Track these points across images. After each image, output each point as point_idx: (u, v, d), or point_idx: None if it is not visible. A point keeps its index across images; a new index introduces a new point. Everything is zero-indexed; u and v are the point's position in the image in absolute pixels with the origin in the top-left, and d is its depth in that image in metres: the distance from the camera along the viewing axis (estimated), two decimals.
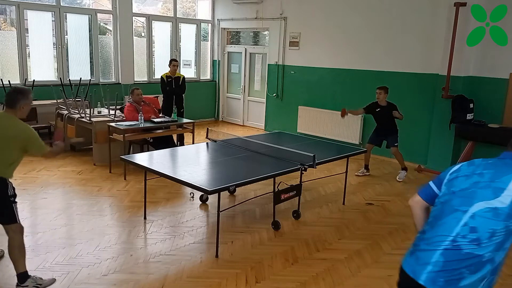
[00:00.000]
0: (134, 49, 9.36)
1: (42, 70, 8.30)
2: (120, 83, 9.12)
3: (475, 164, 1.94)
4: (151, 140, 6.60)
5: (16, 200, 3.35)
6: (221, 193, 3.88)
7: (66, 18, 8.36)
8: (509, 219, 1.71)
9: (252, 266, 3.79)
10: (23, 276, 3.31)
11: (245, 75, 10.39)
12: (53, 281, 3.42)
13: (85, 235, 4.26)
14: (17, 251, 3.29)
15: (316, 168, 4.53)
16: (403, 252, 4.43)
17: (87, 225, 4.48)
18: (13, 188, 3.36)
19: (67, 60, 8.50)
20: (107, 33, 9.34)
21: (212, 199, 5.22)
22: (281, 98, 9.52)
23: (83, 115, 6.84)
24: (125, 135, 6.07)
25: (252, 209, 5.14)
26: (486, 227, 1.75)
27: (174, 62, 7.71)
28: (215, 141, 5.52)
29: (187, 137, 7.70)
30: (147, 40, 9.68)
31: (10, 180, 3.36)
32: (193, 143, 6.74)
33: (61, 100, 7.41)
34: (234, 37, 10.81)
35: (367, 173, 6.71)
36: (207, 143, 5.49)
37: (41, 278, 3.38)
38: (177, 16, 10.13)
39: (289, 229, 4.64)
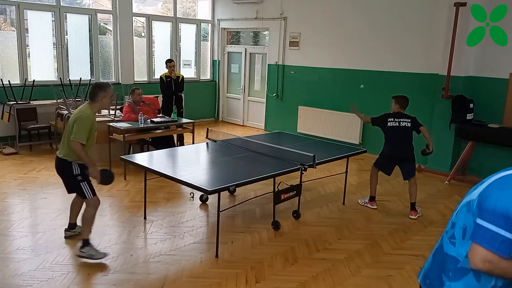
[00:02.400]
0: (134, 49, 9.36)
1: (42, 70, 8.30)
2: (120, 83, 9.12)
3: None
4: (150, 140, 6.60)
5: (86, 179, 3.80)
6: (221, 193, 3.88)
7: (66, 18, 8.36)
8: (477, 214, 1.57)
9: (252, 266, 3.79)
10: (84, 241, 3.79)
11: (245, 75, 10.39)
12: (104, 255, 3.79)
13: None
14: (85, 220, 3.84)
15: (316, 168, 4.53)
16: (403, 252, 4.45)
17: None
18: (79, 168, 3.78)
19: (67, 60, 8.50)
20: (107, 33, 9.34)
21: (212, 199, 5.22)
22: (281, 98, 9.52)
23: None
24: (125, 135, 6.06)
25: (252, 209, 5.14)
26: (461, 222, 1.66)
27: (169, 63, 7.69)
28: (215, 141, 5.52)
29: (187, 137, 7.70)
30: (147, 40, 9.67)
31: (75, 161, 3.76)
32: (193, 143, 6.73)
33: (61, 100, 7.41)
34: (234, 37, 10.81)
35: (375, 207, 5.33)
36: (207, 143, 5.49)
37: (96, 250, 3.80)
38: (177, 16, 10.13)
39: (289, 229, 4.64)
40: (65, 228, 4.20)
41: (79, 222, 4.10)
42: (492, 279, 1.60)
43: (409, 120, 5.03)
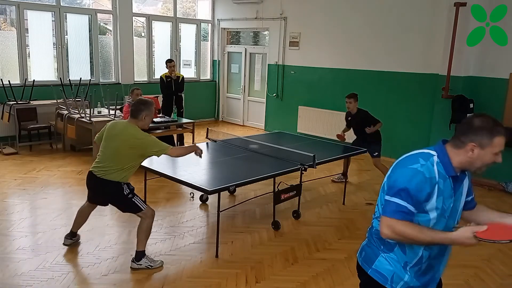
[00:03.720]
0: (134, 49, 9.36)
1: (42, 70, 8.30)
2: (120, 83, 9.11)
3: None
4: None
5: (134, 193, 3.69)
6: (221, 193, 3.88)
7: (66, 18, 8.36)
8: (387, 190, 1.87)
9: (252, 266, 3.79)
10: (139, 253, 3.69)
11: (245, 75, 10.39)
12: (161, 264, 3.73)
13: (85, 235, 4.26)
14: (141, 232, 3.69)
15: (316, 168, 4.53)
16: None
17: (87, 225, 4.46)
18: (128, 186, 3.67)
19: (67, 60, 8.50)
20: (107, 33, 9.34)
21: (212, 199, 5.22)
22: (281, 98, 9.52)
23: (83, 115, 6.84)
24: None
25: (252, 209, 5.14)
26: (379, 201, 1.96)
27: (169, 63, 7.69)
28: (215, 141, 5.52)
29: (187, 137, 7.70)
30: (147, 40, 9.67)
31: (125, 182, 3.65)
32: (193, 143, 6.73)
33: (61, 100, 7.41)
34: (234, 37, 10.81)
35: (343, 179, 5.93)
36: (207, 143, 5.49)
37: (153, 259, 3.72)
38: (177, 16, 10.13)
39: (289, 229, 4.64)
40: (66, 235, 4.05)
41: (138, 236, 3.79)
42: (417, 251, 1.90)
43: (359, 114, 6.00)
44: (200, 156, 3.98)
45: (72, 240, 4.05)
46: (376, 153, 5.85)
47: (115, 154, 3.57)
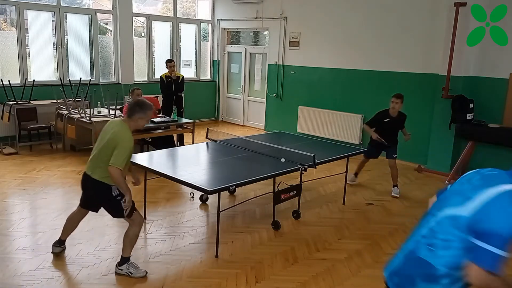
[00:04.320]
0: (134, 49, 9.35)
1: (42, 70, 8.30)
2: (120, 83, 9.11)
3: (479, 172, 1.86)
4: (150, 140, 6.60)
5: (122, 197, 3.51)
6: (221, 193, 3.88)
7: (66, 18, 8.35)
8: (467, 232, 1.63)
9: (252, 266, 3.79)
10: (122, 259, 3.60)
11: (245, 75, 10.39)
12: (144, 273, 3.60)
13: (85, 235, 4.26)
14: (128, 239, 3.59)
15: (316, 168, 4.53)
16: None
17: (87, 225, 4.47)
18: (117, 189, 3.50)
19: (67, 60, 8.49)
20: (107, 33, 9.34)
21: (212, 199, 5.22)
22: (281, 98, 9.52)
23: (83, 115, 6.84)
24: None
25: (252, 209, 5.14)
26: (443, 234, 1.72)
27: (169, 63, 7.69)
28: (215, 141, 5.52)
29: (187, 137, 7.70)
30: (147, 40, 9.67)
31: (113, 184, 3.48)
32: (193, 143, 6.74)
33: (61, 100, 7.41)
34: (234, 37, 10.81)
35: (355, 182, 6.23)
36: (207, 143, 5.49)
37: (136, 267, 3.61)
38: (177, 16, 10.13)
39: (289, 229, 4.64)
40: (54, 243, 3.88)
41: (124, 242, 3.66)
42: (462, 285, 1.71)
43: (400, 117, 5.85)
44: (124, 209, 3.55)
45: (61, 247, 3.89)
46: (395, 155, 5.82)
47: (101, 150, 3.49)
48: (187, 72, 10.20)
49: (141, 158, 4.72)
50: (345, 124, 8.20)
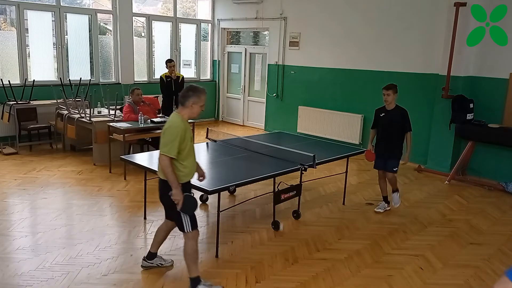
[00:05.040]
0: (134, 49, 9.36)
1: (42, 70, 8.30)
2: (120, 83, 9.11)
3: None
4: (150, 140, 6.60)
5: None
6: (221, 193, 3.88)
7: (66, 18, 8.35)
8: None
9: (252, 266, 3.79)
10: (193, 281, 3.29)
11: (245, 75, 10.39)
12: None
13: (85, 235, 4.26)
14: (188, 256, 3.30)
15: (316, 168, 4.53)
16: (403, 252, 4.45)
17: (87, 225, 4.48)
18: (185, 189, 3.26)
19: (67, 60, 8.49)
20: (107, 33, 9.34)
21: (212, 199, 5.22)
22: (281, 98, 9.52)
23: (83, 115, 6.84)
24: (125, 135, 6.07)
25: (252, 209, 5.14)
26: None
27: (169, 63, 7.69)
28: (215, 141, 5.52)
29: None
30: (147, 40, 9.67)
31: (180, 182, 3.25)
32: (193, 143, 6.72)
33: (61, 100, 7.41)
34: (234, 37, 10.81)
35: (388, 208, 5.29)
36: (207, 143, 5.48)
37: (211, 285, 3.35)
38: (177, 16, 10.13)
39: (289, 229, 4.64)
40: (144, 257, 3.70)
41: (185, 262, 3.39)
42: None
43: (398, 110, 5.05)
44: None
45: (149, 263, 3.68)
46: (396, 169, 5.04)
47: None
48: (187, 72, 10.20)
49: (141, 158, 4.72)
50: (345, 124, 8.20)
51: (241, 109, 10.62)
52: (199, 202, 3.42)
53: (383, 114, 5.06)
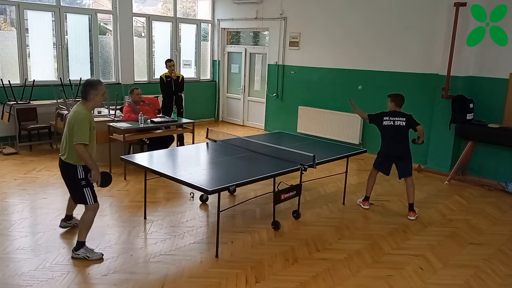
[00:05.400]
0: (134, 49, 9.36)
1: (42, 70, 8.30)
2: (120, 83, 9.12)
3: None
4: (147, 142, 6.58)
5: (88, 183, 3.76)
6: (221, 193, 3.88)
7: (66, 18, 8.36)
8: None
9: (252, 266, 3.79)
10: (78, 243, 3.80)
11: (245, 75, 10.39)
12: (100, 256, 3.80)
13: None
14: (83, 223, 3.83)
15: (316, 168, 4.53)
16: (403, 252, 4.45)
17: None
18: (83, 172, 3.75)
19: (67, 60, 8.49)
20: (107, 33, 9.34)
21: (212, 199, 5.22)
22: (281, 98, 9.52)
23: None
24: (125, 135, 6.06)
25: (252, 209, 5.14)
26: None
27: (169, 63, 7.69)
28: (215, 141, 5.52)
29: (187, 137, 7.70)
30: (147, 40, 9.68)
31: (79, 164, 3.73)
32: (193, 143, 6.73)
33: (61, 100, 7.41)
34: (234, 37, 10.81)
35: (367, 207, 5.33)
36: (207, 143, 5.49)
37: (92, 250, 3.81)
38: (177, 16, 10.13)
39: (289, 229, 4.64)
40: (62, 219, 4.34)
41: (79, 226, 3.96)
42: None
43: (404, 119, 5.00)
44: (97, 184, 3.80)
45: (67, 223, 4.33)
46: (411, 171, 5.07)
47: (66, 133, 3.73)
48: (187, 72, 10.20)
49: (141, 158, 4.72)
50: (345, 124, 8.20)
51: (241, 109, 10.63)
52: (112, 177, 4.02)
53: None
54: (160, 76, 7.76)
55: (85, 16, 8.68)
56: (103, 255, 3.82)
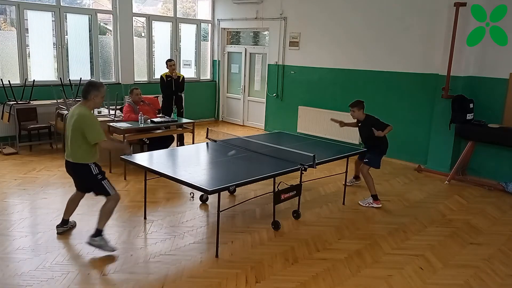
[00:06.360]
0: (134, 49, 9.36)
1: (42, 70, 8.30)
2: (120, 83, 9.12)
3: None
4: (147, 142, 6.58)
5: (104, 176, 3.95)
6: (221, 193, 3.88)
7: (66, 18, 8.36)
8: None
9: (252, 266, 3.79)
10: (97, 231, 3.93)
11: (245, 75, 10.39)
12: (113, 249, 3.93)
13: (85, 235, 4.25)
14: (104, 212, 3.95)
15: (316, 168, 4.53)
16: (403, 252, 4.46)
17: (87, 225, 4.48)
18: (98, 167, 3.93)
19: (67, 60, 8.49)
20: (107, 33, 9.34)
21: (212, 199, 5.22)
22: (281, 98, 9.52)
23: None
24: (125, 135, 6.06)
25: (252, 209, 5.14)
26: None
27: (169, 63, 7.70)
28: (215, 141, 5.52)
29: (187, 137, 7.70)
30: (147, 40, 9.68)
31: (91, 162, 3.88)
32: (193, 143, 6.74)
33: (61, 100, 7.41)
34: (234, 37, 10.81)
35: (357, 182, 6.22)
36: (207, 143, 5.49)
37: (107, 242, 3.94)
38: (177, 16, 10.13)
39: (289, 229, 4.64)
40: (57, 225, 4.30)
41: (99, 214, 4.07)
42: None
43: (367, 120, 5.57)
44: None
45: (64, 227, 4.30)
46: (367, 160, 5.45)
47: (71, 135, 3.83)
48: (187, 72, 10.20)
49: (141, 158, 4.71)
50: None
51: (241, 109, 10.62)
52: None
53: (360, 123, 5.66)
54: (161, 76, 7.76)
55: (85, 16, 8.68)
56: (115, 249, 3.94)
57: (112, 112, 7.06)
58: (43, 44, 8.25)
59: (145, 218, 4.75)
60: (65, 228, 4.31)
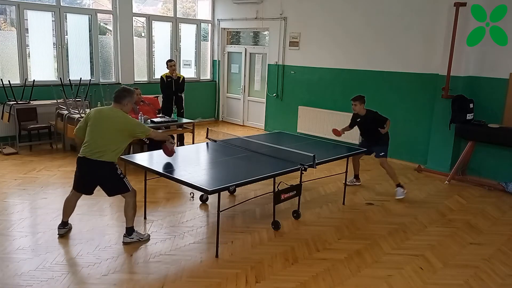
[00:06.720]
0: (134, 49, 9.35)
1: (42, 70, 8.29)
2: (120, 83, 9.10)
3: None
4: (147, 142, 6.58)
5: (124, 175, 4.07)
6: (221, 193, 3.88)
7: (66, 18, 8.35)
8: None
9: (252, 266, 3.79)
10: (129, 229, 4.11)
11: (245, 75, 10.39)
12: (149, 236, 4.22)
13: (85, 235, 4.26)
14: (128, 210, 4.08)
15: (316, 168, 4.53)
16: (403, 252, 4.45)
17: (87, 225, 4.48)
18: (117, 166, 4.03)
19: (67, 60, 8.49)
20: (107, 33, 9.34)
21: (212, 199, 5.22)
22: (281, 98, 9.52)
23: (83, 115, 6.84)
24: None
25: (252, 209, 5.14)
26: None
27: (170, 63, 7.70)
28: (215, 141, 5.52)
29: (187, 137, 7.71)
30: (147, 40, 9.67)
31: (116, 161, 4.01)
32: (193, 143, 6.74)
33: (61, 100, 7.41)
34: (234, 37, 10.81)
35: (358, 183, 6.23)
36: (207, 143, 5.49)
37: (141, 233, 4.18)
38: (177, 16, 10.13)
39: (289, 229, 4.64)
40: (59, 226, 4.26)
41: (126, 215, 4.16)
42: None
43: (368, 115, 5.84)
44: (172, 153, 4.47)
45: (65, 229, 4.28)
46: (383, 153, 5.74)
47: (106, 136, 3.88)
48: (187, 72, 10.20)
49: (141, 158, 4.72)
50: (345, 124, 8.06)
51: (241, 109, 10.63)
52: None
53: (358, 119, 5.86)
54: (161, 76, 7.77)
55: (85, 16, 8.67)
56: (150, 235, 4.23)
57: None
58: (43, 44, 8.25)
59: (145, 218, 4.74)
60: (66, 229, 4.29)
